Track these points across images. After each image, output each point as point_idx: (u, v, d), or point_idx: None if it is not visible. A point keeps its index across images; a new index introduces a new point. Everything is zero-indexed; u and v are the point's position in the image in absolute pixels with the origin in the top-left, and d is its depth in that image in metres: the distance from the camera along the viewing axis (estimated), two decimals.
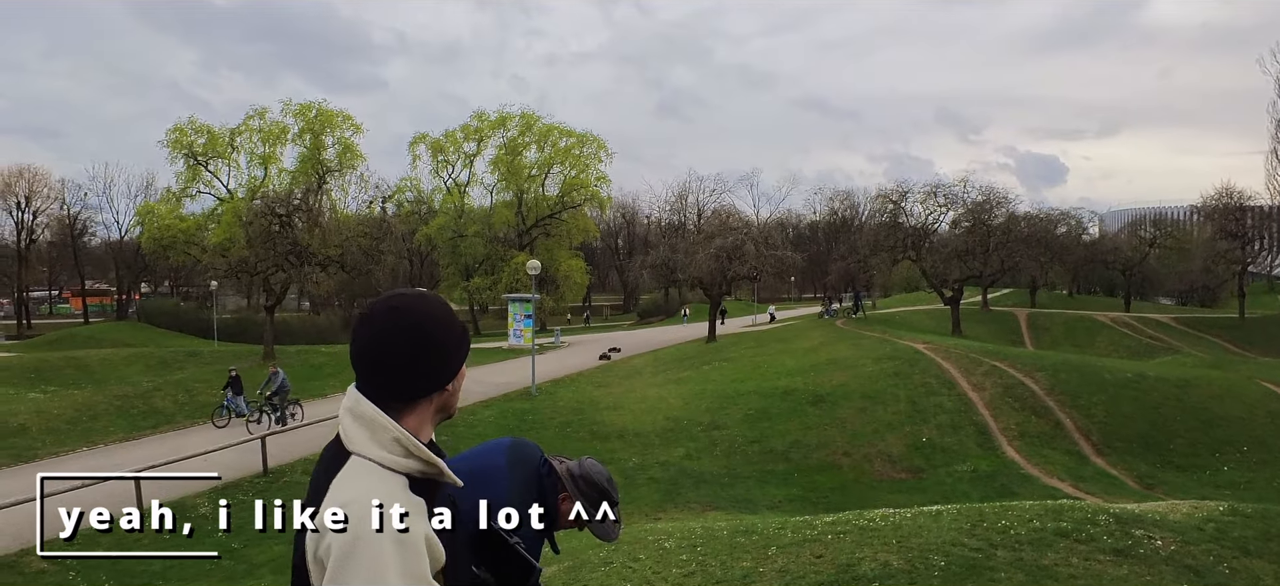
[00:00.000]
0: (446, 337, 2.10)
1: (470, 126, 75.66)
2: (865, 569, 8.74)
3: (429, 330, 2.07)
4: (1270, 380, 30.50)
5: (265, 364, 38.12)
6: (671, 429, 26.29)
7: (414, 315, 2.06)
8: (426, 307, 2.10)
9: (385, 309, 2.06)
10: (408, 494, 1.97)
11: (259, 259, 39.97)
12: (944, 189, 55.85)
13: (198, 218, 64.20)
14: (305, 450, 23.01)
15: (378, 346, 2.03)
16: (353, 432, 2.02)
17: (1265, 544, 11.66)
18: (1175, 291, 76.24)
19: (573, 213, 75.44)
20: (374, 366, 2.04)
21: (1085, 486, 22.09)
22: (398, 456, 1.99)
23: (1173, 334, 56.72)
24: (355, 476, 1.97)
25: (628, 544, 10.01)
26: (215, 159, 65.22)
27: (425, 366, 2.07)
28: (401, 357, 2.03)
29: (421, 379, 2.07)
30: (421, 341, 2.05)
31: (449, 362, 2.12)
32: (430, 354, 2.07)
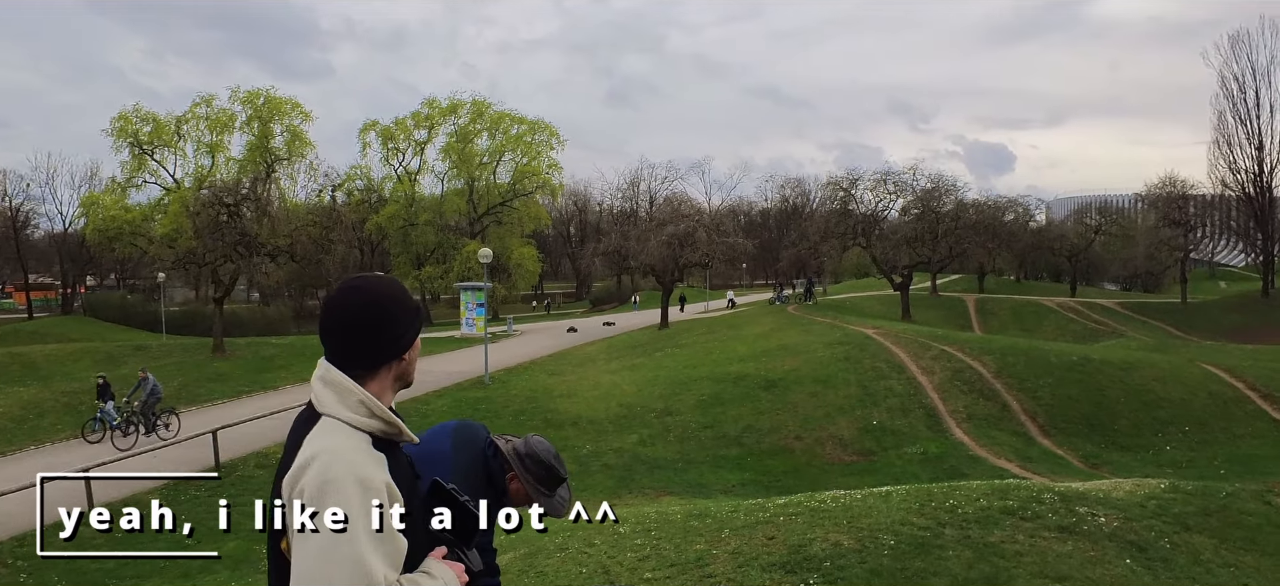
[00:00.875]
0: (402, 311, 2.37)
1: (421, 114, 75.12)
2: (816, 549, 8.83)
3: (386, 304, 2.33)
4: (1210, 362, 31.13)
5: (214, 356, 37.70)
6: (625, 415, 26.32)
7: (373, 293, 2.34)
8: (383, 286, 2.38)
9: (348, 288, 2.35)
10: (371, 449, 2.21)
11: (207, 250, 39.36)
12: (894, 177, 56.33)
13: (144, 208, 62.93)
14: (259, 444, 22.79)
15: (342, 320, 2.31)
16: (323, 396, 2.27)
17: (1205, 519, 11.87)
18: (1119, 277, 77.59)
19: (524, 200, 75.17)
20: (339, 337, 2.31)
21: (1032, 467, 22.36)
22: (363, 416, 2.24)
23: (1117, 318, 57.75)
24: (325, 432, 2.21)
25: (582, 529, 10.02)
26: (161, 148, 64.04)
27: (383, 336, 2.32)
28: (363, 329, 2.30)
29: (380, 348, 2.32)
30: (380, 314, 2.32)
31: (405, 333, 2.38)
32: (388, 325, 2.33)
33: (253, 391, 32.14)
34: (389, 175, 77.42)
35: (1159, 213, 65.69)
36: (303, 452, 2.18)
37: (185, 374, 34.02)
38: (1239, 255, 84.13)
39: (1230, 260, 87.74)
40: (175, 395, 31.03)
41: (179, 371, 34.32)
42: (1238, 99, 68.16)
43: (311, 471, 2.11)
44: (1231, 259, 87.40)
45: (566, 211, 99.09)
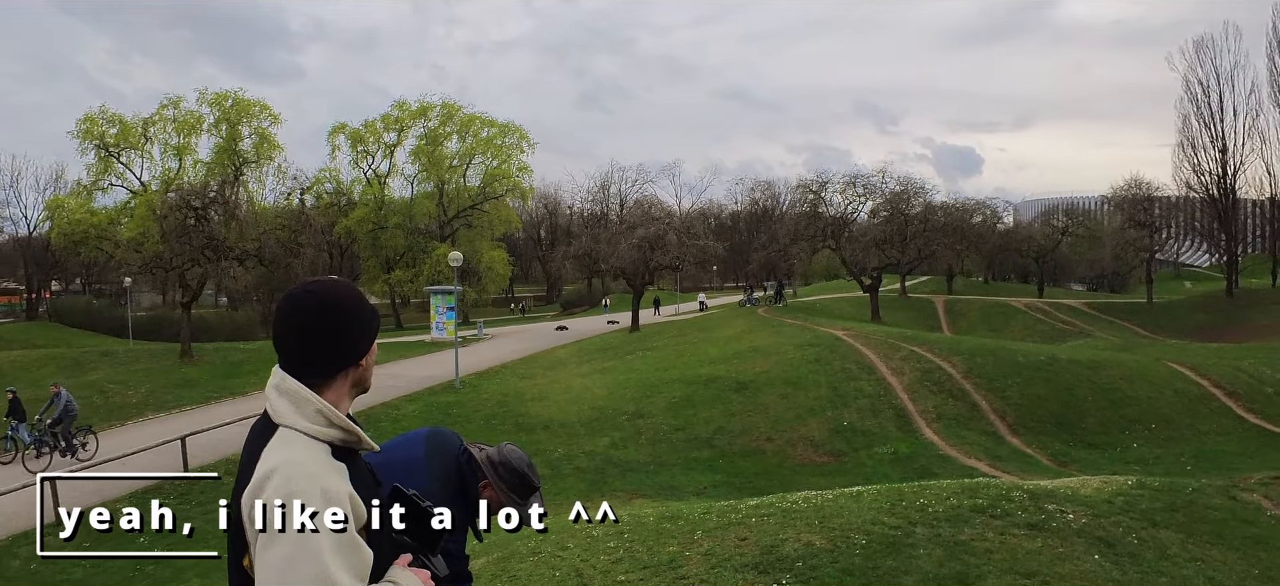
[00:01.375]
0: (358, 316, 2.30)
1: (391, 116, 74.60)
2: (788, 549, 8.86)
3: (342, 310, 2.26)
4: (1176, 361, 31.47)
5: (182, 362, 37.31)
6: (596, 418, 26.29)
7: (327, 298, 2.26)
8: (338, 291, 2.30)
9: (301, 293, 2.27)
10: (331, 459, 2.16)
11: (174, 254, 38.86)
12: (863, 179, 56.70)
13: (110, 211, 62.15)
14: (229, 450, 22.57)
15: (297, 326, 2.24)
16: (279, 406, 2.21)
17: (1171, 514, 11.98)
18: (1086, 278, 78.35)
19: (495, 203, 74.83)
20: (294, 345, 2.24)
21: (1002, 465, 22.49)
22: (321, 426, 2.18)
23: (1084, 318, 58.32)
24: (283, 443, 2.15)
25: (555, 532, 10.00)
26: (128, 150, 63.24)
27: (340, 343, 2.26)
28: (318, 336, 2.23)
29: (337, 355, 2.26)
30: (335, 320, 2.24)
31: (361, 339, 2.31)
32: (343, 331, 2.26)
33: (221, 397, 31.81)
34: (358, 178, 76.85)
35: (1125, 214, 66.47)
36: (262, 465, 2.12)
37: (153, 380, 33.64)
38: (1204, 255, 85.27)
39: (1195, 260, 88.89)
40: (143, 402, 30.73)
41: (146, 377, 33.94)
42: (1202, 103, 69.56)
43: (272, 484, 2.06)
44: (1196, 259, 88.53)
45: (537, 214, 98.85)
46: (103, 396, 31.00)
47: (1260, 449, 24.85)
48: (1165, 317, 60.19)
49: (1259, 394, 28.24)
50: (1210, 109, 69.23)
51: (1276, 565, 11.11)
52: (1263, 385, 28.86)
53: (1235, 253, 70.10)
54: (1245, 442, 25.43)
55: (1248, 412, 27.23)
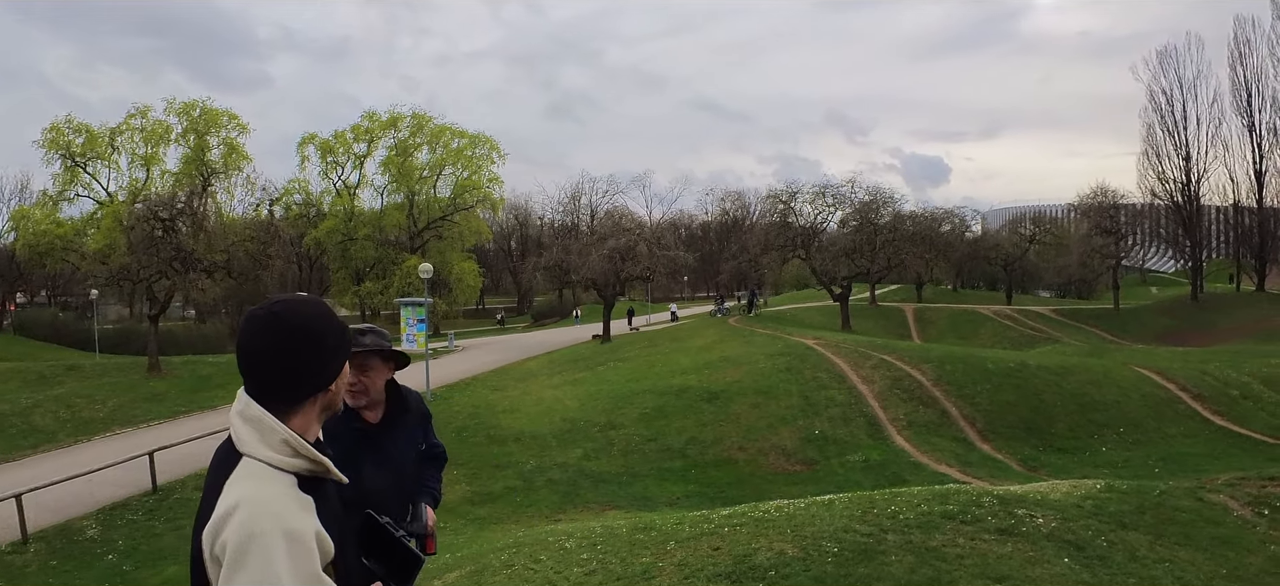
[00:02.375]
0: (326, 338, 2.18)
1: (361, 126, 74.44)
2: (761, 558, 8.87)
3: (310, 331, 2.14)
4: (1142, 365, 31.77)
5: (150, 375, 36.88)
6: (568, 430, 26.22)
7: (295, 318, 2.14)
8: (307, 310, 2.18)
9: (266, 313, 2.13)
10: (297, 492, 2.07)
11: (141, 265, 38.34)
12: (832, 189, 57.10)
13: (76, 222, 61.72)
14: (198, 464, 22.33)
15: (261, 350, 2.11)
16: (243, 434, 2.09)
17: (1140, 517, 12.05)
18: (1054, 284, 79.16)
19: (465, 214, 74.80)
20: (259, 369, 2.12)
21: (972, 471, 22.55)
22: (286, 456, 2.07)
23: (1052, 325, 58.84)
24: (246, 476, 2.04)
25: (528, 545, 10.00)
26: (94, 160, 62.82)
27: (308, 367, 2.15)
28: (285, 360, 2.11)
29: (305, 380, 2.15)
30: (303, 343, 2.13)
31: (331, 363, 2.20)
32: (312, 355, 2.16)
33: (190, 411, 31.50)
34: (328, 189, 76.71)
35: (1091, 221, 67.24)
36: (224, 500, 2.00)
37: (120, 394, 33.22)
38: (1168, 261, 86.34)
39: (1160, 266, 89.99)
40: (110, 416, 30.37)
41: (113, 391, 33.52)
42: (1166, 112, 70.66)
43: (234, 523, 1.94)
44: (1161, 265, 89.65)
45: (507, 225, 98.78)
46: (69, 411, 30.60)
47: (1226, 450, 25.05)
48: (1132, 323, 60.82)
49: (1224, 396, 28.52)
50: (1174, 118, 70.45)
51: (1243, 564, 11.11)
52: (1228, 388, 29.14)
53: (1199, 258, 71.05)
54: (1212, 444, 25.59)
55: (1213, 415, 27.46)
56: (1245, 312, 60.60)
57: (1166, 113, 70.40)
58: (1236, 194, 71.18)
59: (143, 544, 18.30)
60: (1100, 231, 65.76)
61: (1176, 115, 70.16)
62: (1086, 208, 68.69)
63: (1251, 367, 31.60)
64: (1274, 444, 25.45)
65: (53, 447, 26.98)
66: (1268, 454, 24.53)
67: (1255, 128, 68.51)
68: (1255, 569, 11.36)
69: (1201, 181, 70.38)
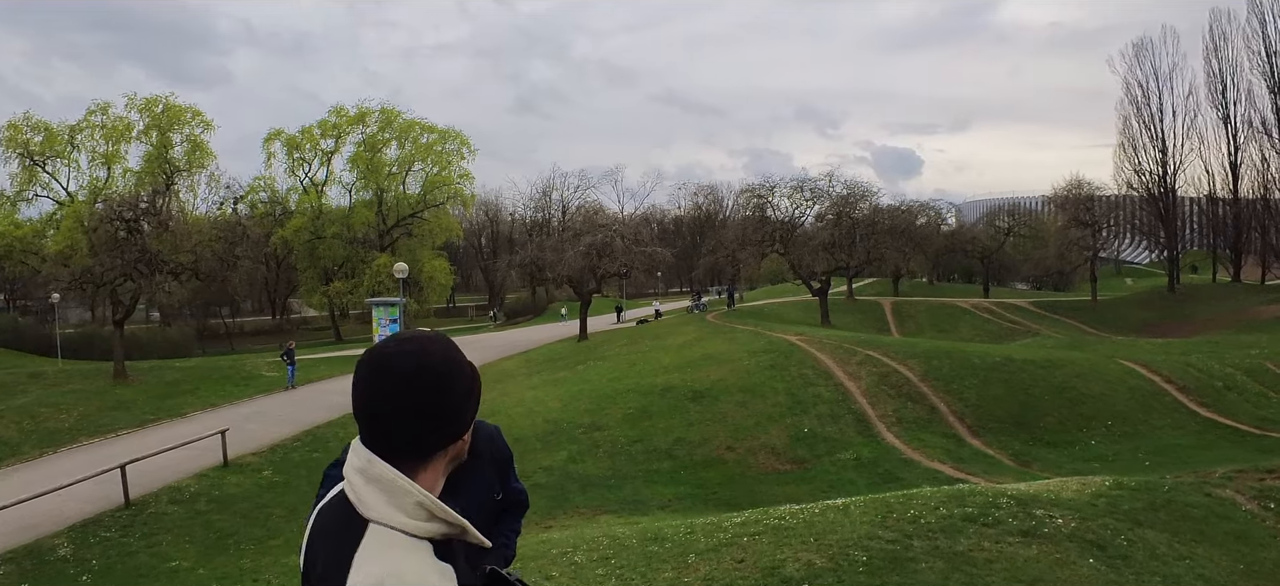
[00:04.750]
0: (458, 380, 1.90)
1: (328, 122, 73.32)
2: (790, 570, 8.51)
3: (444, 376, 1.86)
4: (1127, 358, 31.77)
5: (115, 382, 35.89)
6: (552, 432, 25.75)
7: (424, 359, 1.85)
8: (439, 349, 1.90)
9: (394, 355, 1.85)
10: (436, 561, 1.80)
11: (104, 268, 37.22)
12: (810, 184, 56.86)
13: (35, 223, 60.53)
14: (171, 477, 21.60)
15: (388, 397, 1.82)
16: (368, 497, 1.81)
17: (1153, 514, 12.19)
18: (1030, 277, 79.68)
19: (435, 211, 73.98)
20: (384, 419, 1.83)
21: (965, 467, 22.45)
22: (422, 521, 1.81)
23: (1031, 317, 59.12)
24: (381, 548, 1.78)
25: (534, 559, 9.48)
26: (53, 159, 61.54)
27: (444, 416, 1.87)
28: (415, 408, 1.82)
29: (440, 430, 1.88)
30: (438, 389, 1.85)
31: (466, 409, 1.94)
32: (448, 402, 1.87)
33: (159, 418, 30.57)
34: (295, 186, 75.55)
35: (1068, 214, 67.80)
36: (360, 579, 1.73)
37: (85, 403, 32.16)
38: (1143, 252, 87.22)
39: (1135, 258, 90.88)
40: (76, 426, 29.36)
41: (78, 400, 32.47)
42: (1142, 104, 71.24)
43: None
44: (1136, 256, 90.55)
45: (478, 222, 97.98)
46: (33, 421, 29.53)
47: (1215, 441, 25.18)
48: (1110, 314, 61.19)
49: (1209, 388, 28.66)
50: (1150, 110, 71.06)
51: (1259, 559, 11.34)
52: (1212, 379, 29.30)
53: (1176, 250, 71.84)
54: (1200, 436, 25.72)
55: (1200, 407, 27.60)
56: (1222, 303, 61.06)
57: (1143, 105, 71.14)
58: (1212, 185, 72.21)
59: (118, 562, 17.62)
60: (1077, 223, 66.32)
61: (1153, 107, 70.92)
62: (1063, 200, 69.41)
63: (1233, 359, 31.79)
64: (1260, 434, 25.73)
65: (17, 461, 25.87)
66: (1255, 444, 24.72)
67: (1230, 120, 69.39)
68: (1271, 563, 11.64)
69: (1177, 173, 71.18)
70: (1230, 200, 71.15)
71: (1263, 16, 65.87)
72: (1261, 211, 69.10)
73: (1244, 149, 69.26)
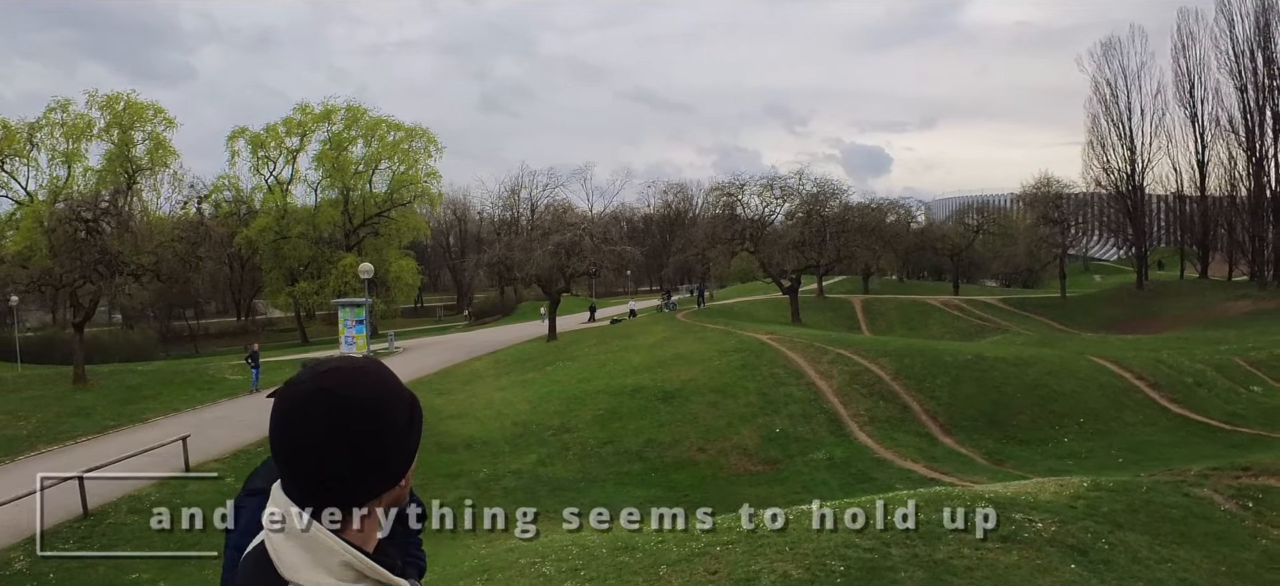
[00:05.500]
0: (394, 415, 1.60)
1: (293, 120, 72.19)
2: (765, 582, 8.22)
3: (375, 412, 1.57)
4: (1097, 355, 31.89)
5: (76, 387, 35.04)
6: (521, 435, 25.36)
7: (353, 392, 1.56)
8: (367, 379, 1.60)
9: (313, 389, 1.56)
10: None
11: (64, 270, 36.27)
12: (779, 182, 56.66)
13: None
14: (130, 486, 21.00)
15: (310, 439, 1.53)
16: (288, 556, 1.56)
17: (1133, 515, 12.10)
18: (1000, 274, 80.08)
19: (402, 210, 73.17)
20: (306, 465, 1.54)
21: (938, 466, 22.48)
22: (348, 584, 1.55)
23: (1001, 314, 59.34)
24: None
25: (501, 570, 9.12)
26: (12, 157, 60.19)
27: (377, 459, 1.57)
28: (343, 451, 1.54)
29: (373, 476, 1.58)
30: (369, 429, 1.56)
31: (402, 449, 1.63)
32: (382, 442, 1.58)
33: (120, 425, 29.71)
34: (259, 185, 74.29)
35: (1037, 211, 68.27)
36: None
37: (44, 409, 31.26)
38: (1112, 249, 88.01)
39: (1103, 255, 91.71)
40: (35, 433, 28.50)
41: (37, 406, 31.57)
42: (1110, 103, 71.94)
43: None
44: (1104, 253, 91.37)
45: (445, 221, 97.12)
46: None
47: (1187, 438, 25.41)
48: (1079, 311, 61.55)
49: (1180, 384, 28.85)
50: (1119, 109, 71.70)
51: (1239, 560, 11.33)
52: (1182, 376, 29.47)
53: (1144, 247, 72.63)
54: (1172, 433, 25.96)
55: (1171, 403, 27.83)
56: (1190, 300, 61.74)
57: (1111, 103, 71.76)
58: (1179, 183, 72.99)
59: (76, 574, 17.08)
60: (1046, 221, 66.78)
61: (1121, 106, 71.58)
62: (1032, 198, 69.78)
63: (1203, 355, 32.00)
64: (1231, 430, 26.00)
65: None
66: (1227, 440, 24.95)
67: (1197, 118, 70.08)
68: (1252, 564, 11.62)
69: (1145, 171, 71.95)
70: (1197, 198, 71.89)
71: (1230, 17, 66.63)
72: (1228, 209, 69.78)
73: (1211, 147, 70.12)
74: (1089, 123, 73.91)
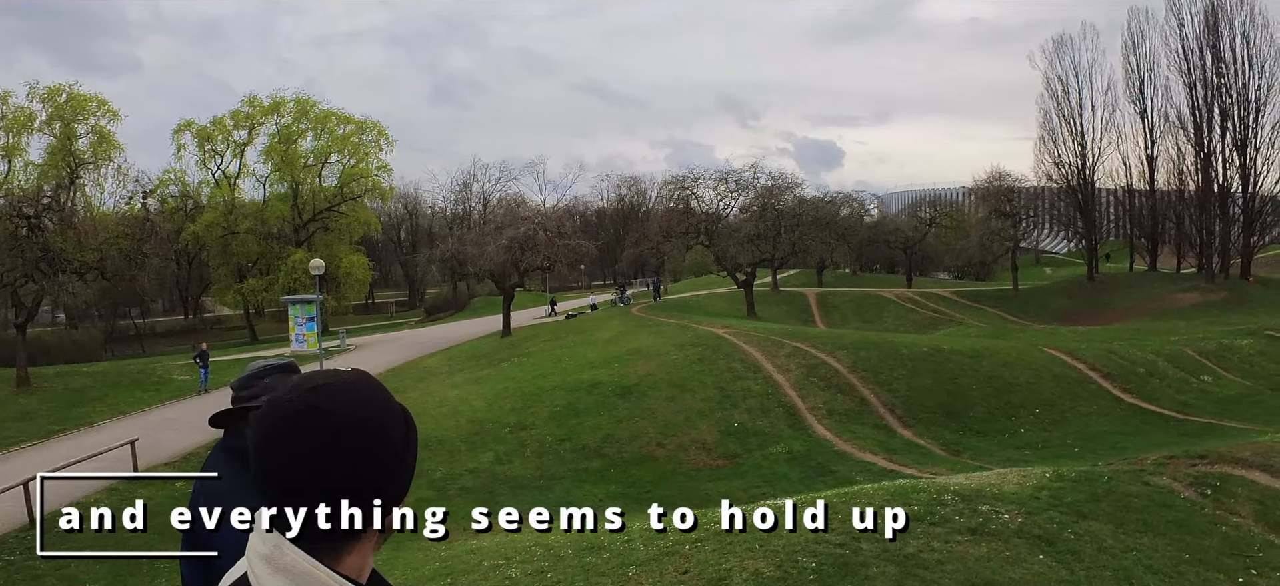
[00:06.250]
0: (390, 434, 1.47)
1: (241, 112, 71.01)
2: (737, 581, 8.13)
3: (378, 430, 1.45)
4: (1051, 346, 32.22)
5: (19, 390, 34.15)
6: (477, 433, 25.02)
7: (354, 413, 1.43)
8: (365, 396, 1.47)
9: (306, 409, 1.42)
10: None
11: (5, 268, 35.36)
12: (734, 175, 56.76)
13: None
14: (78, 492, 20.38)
15: (297, 465, 1.40)
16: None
17: (1096, 505, 12.14)
18: (953, 267, 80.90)
19: (353, 205, 72.38)
20: (303, 494, 1.41)
21: (898, 458, 22.48)
22: None
23: (954, 306, 59.80)
24: None
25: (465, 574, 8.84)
26: None
27: (378, 483, 1.44)
28: (344, 479, 1.41)
29: (372, 502, 1.43)
30: (370, 450, 1.44)
31: (404, 469, 1.50)
32: (383, 465, 1.45)
33: (65, 428, 28.97)
34: (206, 180, 72.98)
35: (989, 205, 69.03)
36: None
37: None
38: (1062, 242, 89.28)
39: (1054, 247, 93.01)
40: None
41: None
42: (1062, 98, 72.58)
43: None
44: (1055, 246, 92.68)
45: (396, 215, 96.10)
46: None
47: (1140, 427, 25.71)
48: (1031, 303, 62.30)
49: (1132, 374, 29.19)
50: (1070, 104, 72.40)
51: (1202, 547, 11.37)
52: (1135, 366, 29.83)
53: (1095, 240, 73.52)
54: (1125, 422, 26.27)
55: (1123, 393, 28.18)
56: (1139, 291, 62.76)
57: (1063, 99, 72.50)
58: (1129, 178, 73.90)
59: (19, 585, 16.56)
60: (998, 215, 67.55)
61: (1072, 102, 72.36)
62: (984, 192, 70.53)
63: (1154, 345, 32.41)
64: (1183, 419, 26.38)
65: None
66: (1179, 428, 25.29)
67: (1147, 114, 71.04)
68: (1214, 551, 11.68)
69: (1096, 166, 72.91)
70: (1147, 192, 72.97)
71: (1181, 15, 67.61)
72: (1177, 203, 70.96)
73: (1160, 143, 71.12)
74: (1041, 118, 74.90)
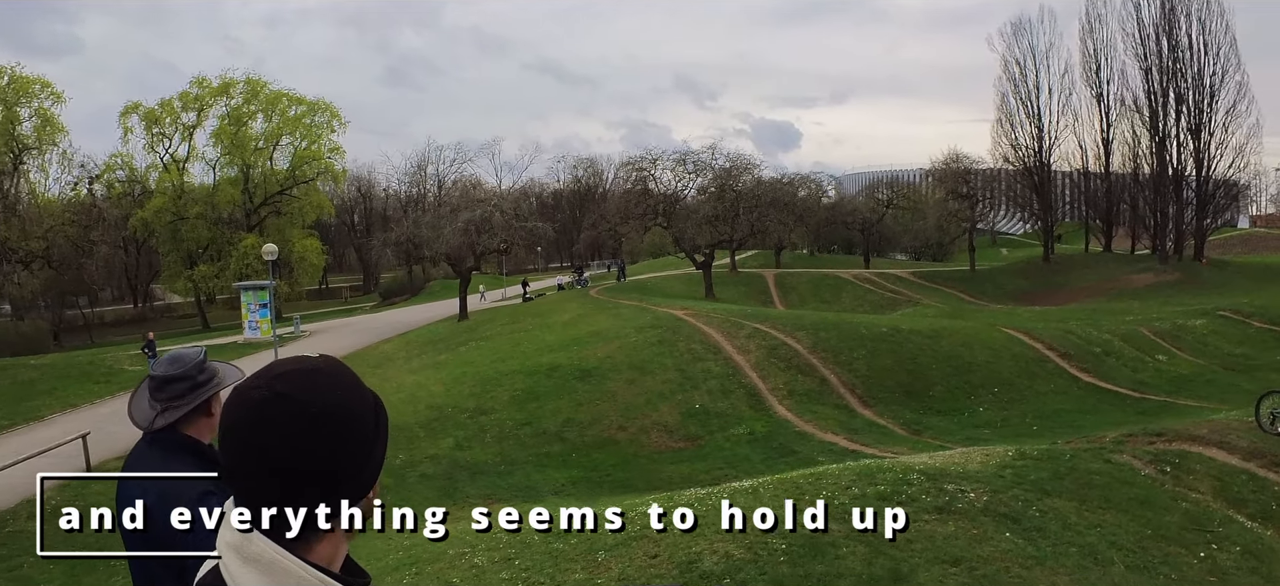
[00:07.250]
0: (362, 420, 1.43)
1: (190, 94, 69.55)
2: (708, 564, 8.02)
3: (348, 417, 1.41)
4: (1009, 326, 32.49)
5: None
6: (436, 418, 24.72)
7: (322, 399, 1.40)
8: (326, 381, 1.42)
9: (272, 397, 1.39)
10: None
11: None
12: (692, 157, 56.64)
13: None
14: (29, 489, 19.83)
15: (276, 455, 1.37)
16: (246, 582, 1.40)
17: (1059, 483, 12.35)
18: (910, 248, 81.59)
19: (305, 188, 71.34)
20: (271, 484, 1.38)
21: (859, 438, 22.62)
22: None
23: (911, 287, 60.18)
24: None
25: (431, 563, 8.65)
26: None
27: (348, 472, 1.42)
28: (314, 468, 1.38)
29: (342, 490, 1.41)
30: (340, 437, 1.40)
31: (370, 457, 1.45)
32: (353, 453, 1.42)
33: (14, 424, 28.20)
34: (154, 164, 71.41)
35: (946, 186, 69.86)
36: None
37: None
38: (1018, 224, 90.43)
39: (1010, 229, 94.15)
40: None
41: None
42: (1019, 81, 73.40)
43: None
44: (1011, 227, 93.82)
45: (350, 199, 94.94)
46: None
47: (1097, 405, 26.05)
48: (988, 284, 62.92)
49: (1088, 354, 29.58)
50: (1027, 87, 73.21)
51: (1163, 523, 11.70)
52: (1091, 346, 30.22)
53: (1051, 221, 74.63)
54: (1082, 400, 26.62)
55: (1080, 372, 28.53)
56: (1095, 272, 63.85)
57: (1020, 82, 73.28)
58: (1085, 160, 75.11)
59: None
60: (955, 196, 68.39)
61: (1029, 85, 73.18)
62: (941, 173, 71.43)
63: (1109, 325, 32.82)
64: (1139, 398, 26.82)
65: None
66: (1135, 407, 25.68)
67: (1104, 98, 72.16)
68: (1175, 526, 11.88)
69: (1052, 148, 73.86)
70: (1102, 174, 74.10)
71: (1138, 1, 68.61)
72: (1132, 185, 71.98)
73: (1116, 126, 72.18)
74: (998, 100, 75.63)
